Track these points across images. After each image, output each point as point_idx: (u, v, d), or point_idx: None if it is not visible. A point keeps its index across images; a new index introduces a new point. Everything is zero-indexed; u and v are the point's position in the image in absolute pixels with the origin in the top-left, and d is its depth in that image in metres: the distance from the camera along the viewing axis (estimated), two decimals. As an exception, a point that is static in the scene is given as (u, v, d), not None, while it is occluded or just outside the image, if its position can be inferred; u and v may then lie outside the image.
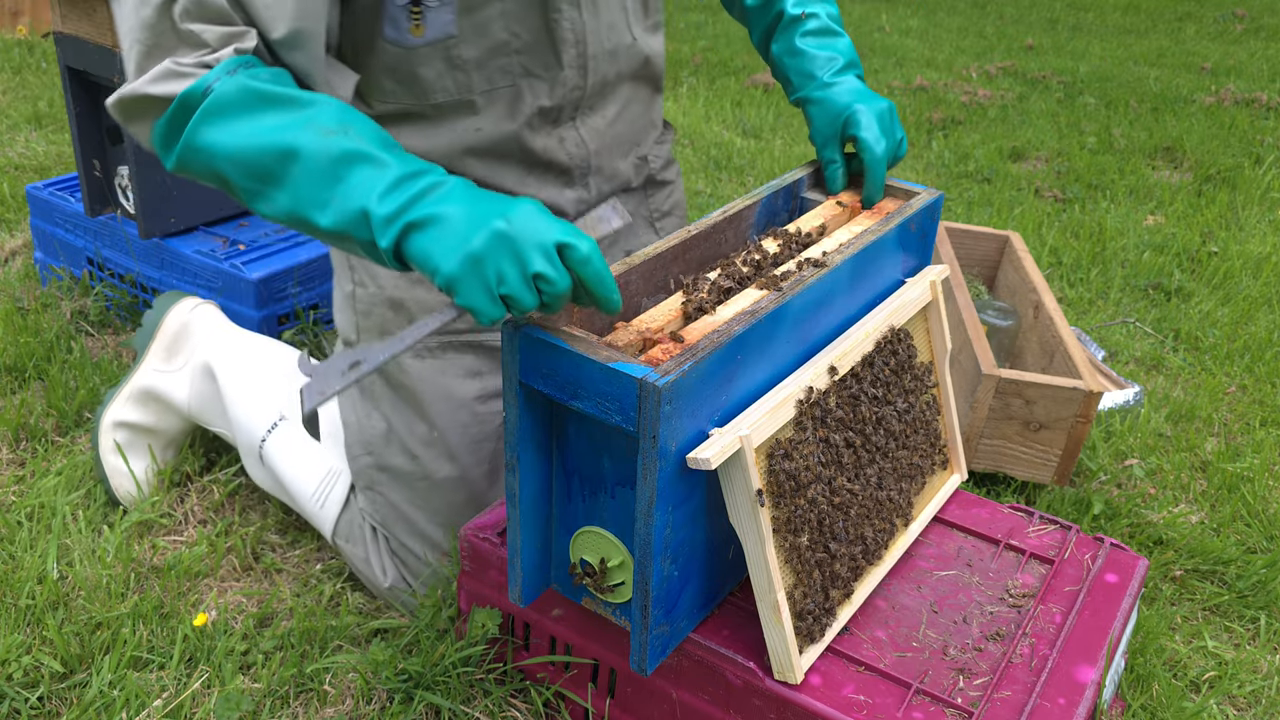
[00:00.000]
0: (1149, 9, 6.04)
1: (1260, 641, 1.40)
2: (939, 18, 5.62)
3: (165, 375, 1.56)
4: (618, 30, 1.28)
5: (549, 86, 1.24)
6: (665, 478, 0.87)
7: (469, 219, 0.87)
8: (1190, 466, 1.73)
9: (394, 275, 1.32)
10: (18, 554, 1.40)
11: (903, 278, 1.20)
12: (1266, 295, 2.35)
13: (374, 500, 1.36)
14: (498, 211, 0.87)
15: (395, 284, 1.31)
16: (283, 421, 1.45)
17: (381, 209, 0.89)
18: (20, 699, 1.19)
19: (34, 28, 4.08)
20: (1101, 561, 1.18)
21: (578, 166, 1.32)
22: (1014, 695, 1.00)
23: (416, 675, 1.18)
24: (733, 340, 0.90)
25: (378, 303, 1.32)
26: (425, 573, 1.35)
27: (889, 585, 1.14)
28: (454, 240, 0.87)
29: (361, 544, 1.38)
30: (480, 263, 0.86)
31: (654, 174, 1.44)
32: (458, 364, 1.33)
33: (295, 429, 1.45)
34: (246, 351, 1.54)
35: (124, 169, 1.88)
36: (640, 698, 1.10)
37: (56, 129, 3.04)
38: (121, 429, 1.55)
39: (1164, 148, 3.41)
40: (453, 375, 1.33)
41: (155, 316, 1.59)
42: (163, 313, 1.59)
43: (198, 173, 1.00)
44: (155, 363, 1.57)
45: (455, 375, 1.33)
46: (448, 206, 0.88)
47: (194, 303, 1.62)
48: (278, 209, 0.95)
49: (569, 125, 1.29)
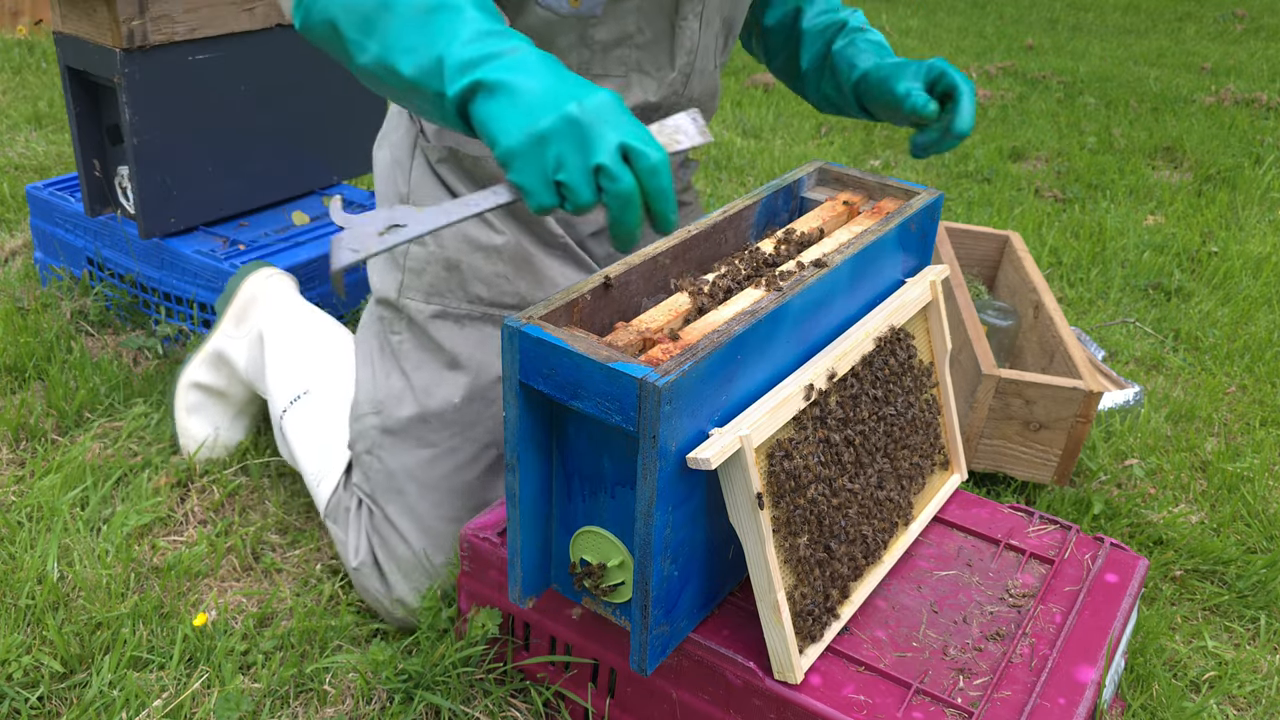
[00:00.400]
0: (1149, 9, 6.04)
1: (1260, 641, 1.40)
2: (939, 18, 5.62)
3: (233, 340, 1.62)
4: (711, 54, 1.32)
5: (656, 84, 1.27)
6: (665, 478, 0.87)
7: (543, 94, 0.84)
8: (1190, 466, 1.73)
9: (453, 234, 1.31)
10: (18, 554, 1.40)
11: (903, 278, 1.20)
12: (1266, 295, 2.35)
13: (369, 467, 1.32)
14: (574, 94, 0.84)
15: (455, 244, 1.31)
16: (305, 395, 1.46)
17: (457, 55, 0.88)
18: (20, 699, 1.19)
19: (34, 28, 4.08)
20: (1101, 561, 1.18)
21: None
22: (1014, 695, 1.00)
23: (416, 675, 1.18)
24: (733, 340, 0.90)
25: (433, 261, 1.31)
26: (405, 557, 1.30)
27: (889, 585, 1.14)
28: (522, 113, 0.84)
29: (343, 523, 1.36)
30: (544, 142, 0.83)
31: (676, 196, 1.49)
32: (496, 340, 1.32)
33: (315, 404, 1.45)
34: (296, 323, 1.58)
35: (124, 169, 1.88)
36: (640, 698, 1.10)
37: (56, 129, 3.04)
38: (195, 390, 1.62)
39: (1164, 148, 3.41)
40: (490, 350, 1.32)
41: (234, 283, 1.66)
42: (240, 280, 1.66)
43: (318, 26, 1.00)
44: (228, 327, 1.64)
45: (491, 351, 1.32)
46: (524, 77, 0.86)
47: (269, 273, 1.67)
48: (370, 58, 0.95)
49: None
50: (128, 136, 1.76)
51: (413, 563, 1.29)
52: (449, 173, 1.33)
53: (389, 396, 1.32)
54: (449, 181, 1.33)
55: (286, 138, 2.02)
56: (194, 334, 1.87)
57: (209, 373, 1.62)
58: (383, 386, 1.33)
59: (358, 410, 1.35)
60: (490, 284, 1.33)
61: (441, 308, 1.32)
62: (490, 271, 1.32)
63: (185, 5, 1.76)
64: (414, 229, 0.84)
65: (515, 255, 1.33)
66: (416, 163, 1.34)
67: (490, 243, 1.32)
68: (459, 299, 1.32)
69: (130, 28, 1.70)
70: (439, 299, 1.32)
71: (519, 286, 1.33)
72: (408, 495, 1.30)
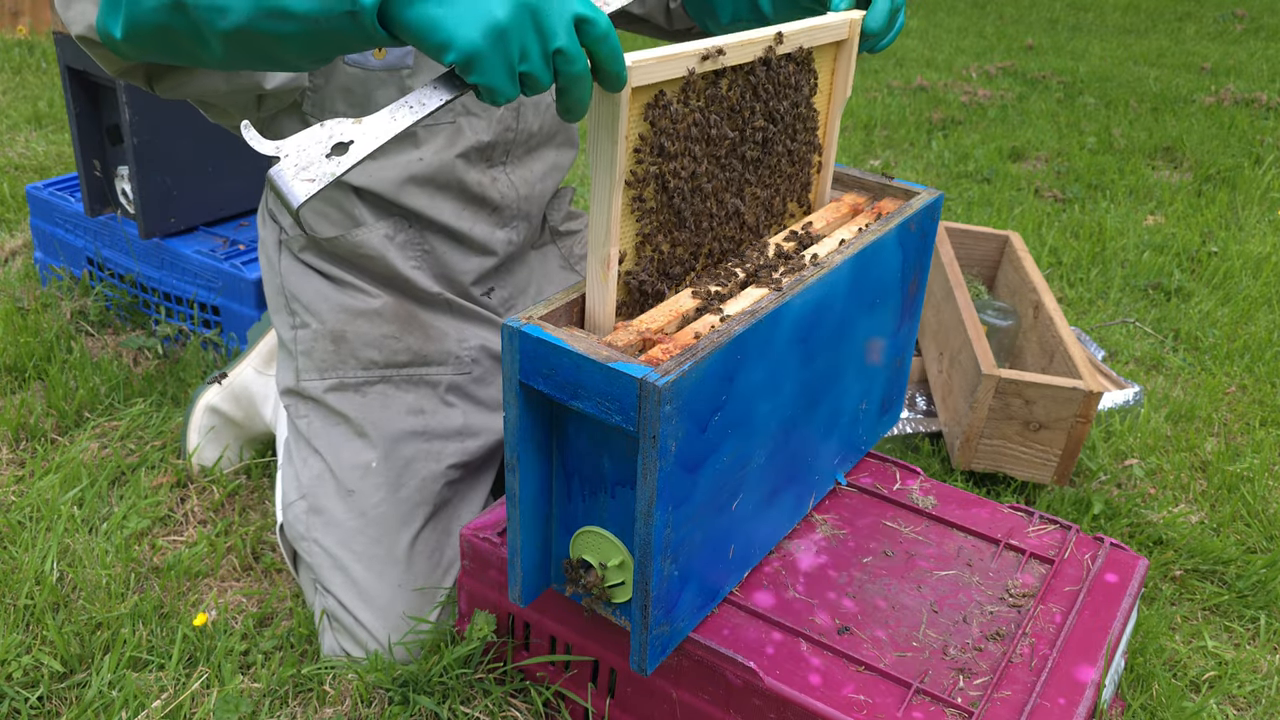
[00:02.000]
0: (1149, 9, 6.05)
1: (1260, 641, 1.40)
2: (939, 18, 5.62)
3: (261, 378, 1.61)
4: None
5: (486, 124, 1.32)
6: (665, 478, 0.87)
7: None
8: (1190, 466, 1.73)
9: (332, 308, 1.35)
10: (18, 554, 1.40)
11: (902, 279, 1.20)
12: (1266, 295, 2.35)
13: (310, 553, 1.30)
14: None
15: (335, 317, 1.35)
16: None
17: None
18: (20, 699, 1.19)
19: (34, 27, 4.08)
20: (1101, 561, 1.18)
21: (508, 207, 1.39)
22: (1014, 695, 1.00)
23: (415, 676, 1.18)
24: (733, 340, 0.90)
25: (319, 339, 1.35)
26: (364, 639, 1.24)
27: (889, 585, 1.14)
28: (473, 7, 0.78)
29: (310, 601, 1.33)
30: (505, 36, 0.78)
31: (555, 226, 1.54)
32: (399, 401, 1.34)
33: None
34: None
35: (124, 169, 1.88)
36: (640, 697, 1.10)
37: (56, 129, 3.04)
38: (212, 414, 1.60)
39: (1164, 148, 3.41)
40: (395, 410, 1.34)
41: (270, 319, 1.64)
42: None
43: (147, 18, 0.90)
44: (257, 363, 1.63)
45: (397, 411, 1.34)
46: None
47: None
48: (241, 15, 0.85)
49: (500, 168, 1.37)
50: (128, 136, 1.76)
51: (371, 644, 1.25)
52: (313, 258, 1.37)
53: (310, 479, 1.32)
54: (316, 265, 1.37)
55: (286, 138, 2.02)
56: (194, 334, 1.87)
57: (230, 403, 1.61)
58: (303, 472, 1.33)
59: (287, 500, 1.34)
60: (380, 346, 1.35)
61: (338, 380, 1.35)
62: (377, 334, 1.35)
63: (185, 5, 1.76)
64: (364, 143, 0.77)
65: (396, 314, 1.37)
66: (284, 257, 1.39)
67: (369, 307, 1.36)
68: (352, 368, 1.35)
69: (130, 28, 1.70)
70: (333, 372, 1.35)
71: (409, 343, 1.36)
72: (350, 570, 1.27)
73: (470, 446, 1.36)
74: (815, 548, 1.18)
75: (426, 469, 1.32)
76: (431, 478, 1.32)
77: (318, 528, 1.29)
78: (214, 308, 1.85)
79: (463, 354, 1.39)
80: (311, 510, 1.30)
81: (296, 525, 1.31)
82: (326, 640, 1.27)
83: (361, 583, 1.25)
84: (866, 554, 1.18)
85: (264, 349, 1.63)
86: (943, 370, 1.78)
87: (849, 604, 1.11)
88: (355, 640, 1.24)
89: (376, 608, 1.24)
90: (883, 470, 1.33)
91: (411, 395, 1.35)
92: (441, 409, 1.36)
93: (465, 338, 1.40)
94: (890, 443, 1.75)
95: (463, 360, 1.39)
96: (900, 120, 3.65)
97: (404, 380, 1.35)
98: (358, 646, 1.24)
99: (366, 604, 1.24)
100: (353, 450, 1.31)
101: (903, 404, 1.40)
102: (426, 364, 1.36)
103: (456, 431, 1.35)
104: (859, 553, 1.18)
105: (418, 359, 1.36)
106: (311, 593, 1.32)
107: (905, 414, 1.80)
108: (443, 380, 1.37)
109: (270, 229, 1.41)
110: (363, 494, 1.29)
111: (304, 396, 1.36)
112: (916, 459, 1.69)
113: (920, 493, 1.28)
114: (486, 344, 1.41)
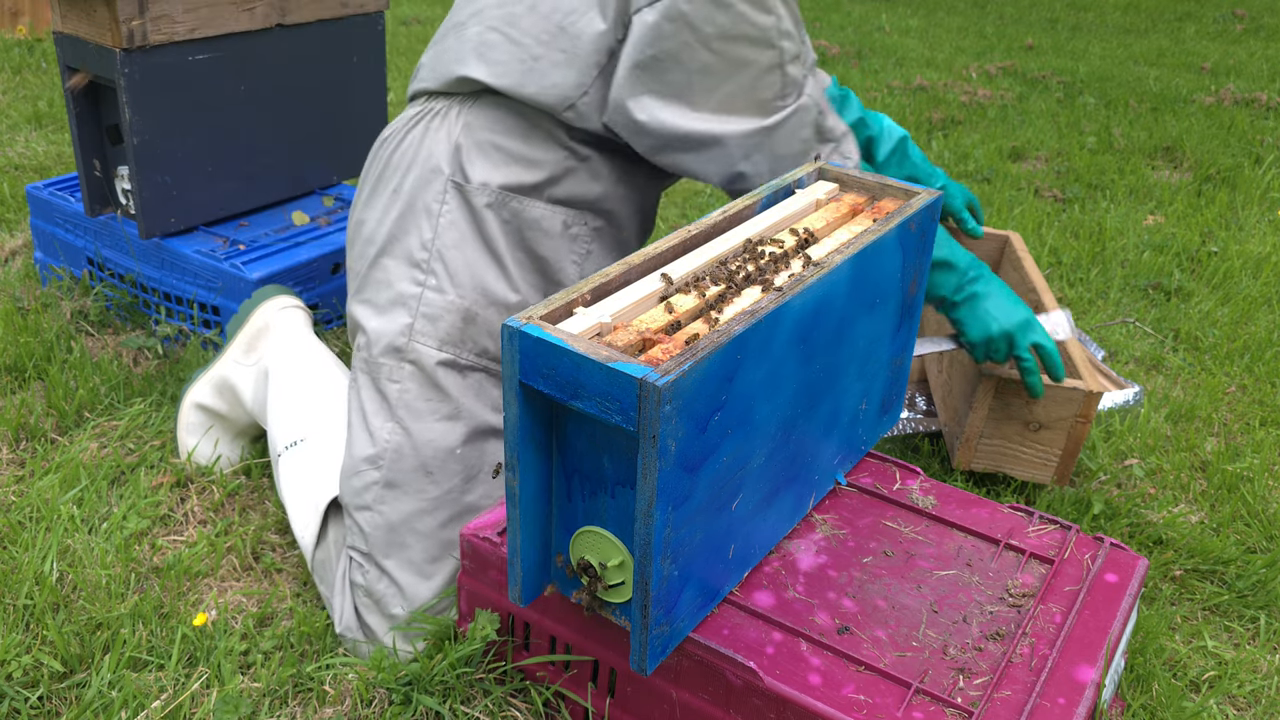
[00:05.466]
0: (1149, 9, 6.05)
1: (1260, 641, 1.40)
2: (939, 17, 5.62)
3: (240, 368, 1.61)
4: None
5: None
6: (665, 478, 0.87)
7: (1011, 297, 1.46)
8: (1190, 466, 1.73)
9: (475, 286, 1.32)
10: (17, 554, 1.40)
11: (902, 279, 1.20)
12: (1266, 295, 2.35)
13: (368, 523, 1.30)
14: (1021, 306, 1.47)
15: (474, 296, 1.32)
16: (301, 444, 1.45)
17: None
18: (20, 699, 1.19)
19: (34, 27, 4.08)
20: (1101, 561, 1.18)
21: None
22: (1014, 695, 1.00)
23: (415, 676, 1.18)
24: (733, 340, 0.90)
25: (451, 310, 1.32)
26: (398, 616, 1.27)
27: (889, 585, 1.14)
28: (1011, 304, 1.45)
29: (329, 583, 1.35)
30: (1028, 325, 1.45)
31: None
32: (490, 394, 1.34)
33: (308, 455, 1.45)
34: (301, 364, 1.56)
35: (124, 169, 1.88)
36: (640, 697, 1.10)
37: (56, 129, 3.04)
38: (198, 410, 1.61)
39: (1164, 148, 3.41)
40: (485, 402, 1.34)
41: (249, 307, 1.65)
42: (255, 305, 1.65)
43: None
44: (236, 354, 1.63)
45: (487, 404, 1.34)
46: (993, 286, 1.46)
47: (284, 303, 1.66)
48: None
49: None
50: (128, 136, 1.76)
51: (404, 622, 1.26)
52: (490, 217, 1.32)
53: (388, 449, 1.30)
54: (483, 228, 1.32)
55: (286, 138, 2.02)
56: (194, 334, 1.87)
57: (213, 397, 1.61)
58: (380, 439, 1.31)
59: (354, 467, 1.32)
60: (499, 338, 1.34)
61: (451, 357, 1.32)
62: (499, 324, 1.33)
63: (185, 5, 1.76)
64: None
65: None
66: (450, 204, 1.33)
67: (506, 299, 1.34)
68: (468, 350, 1.33)
69: (130, 28, 1.70)
70: (450, 348, 1.32)
71: None
72: (409, 548, 1.28)
73: None
74: (815, 548, 1.18)
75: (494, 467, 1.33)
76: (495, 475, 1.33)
77: (387, 500, 1.29)
78: (214, 308, 1.85)
79: None
80: (386, 483, 1.30)
81: (362, 494, 1.30)
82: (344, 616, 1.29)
83: (418, 563, 1.28)
84: (866, 554, 1.18)
85: (244, 340, 1.63)
86: (942, 370, 1.78)
87: (849, 604, 1.11)
88: (385, 615, 1.26)
89: (427, 582, 1.27)
90: (883, 470, 1.33)
91: (499, 391, 1.35)
92: None
93: None
94: (890, 443, 1.75)
95: None
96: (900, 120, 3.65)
97: (499, 375, 1.33)
98: (384, 621, 1.26)
99: (418, 578, 1.27)
100: (442, 431, 1.30)
101: (903, 404, 1.40)
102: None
103: None
104: (859, 553, 1.18)
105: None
106: (334, 561, 1.32)
107: (905, 414, 1.80)
108: None
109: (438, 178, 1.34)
110: (441, 476, 1.29)
111: (408, 360, 1.32)
112: (916, 459, 1.69)
113: (920, 493, 1.28)
114: None
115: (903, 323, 1.26)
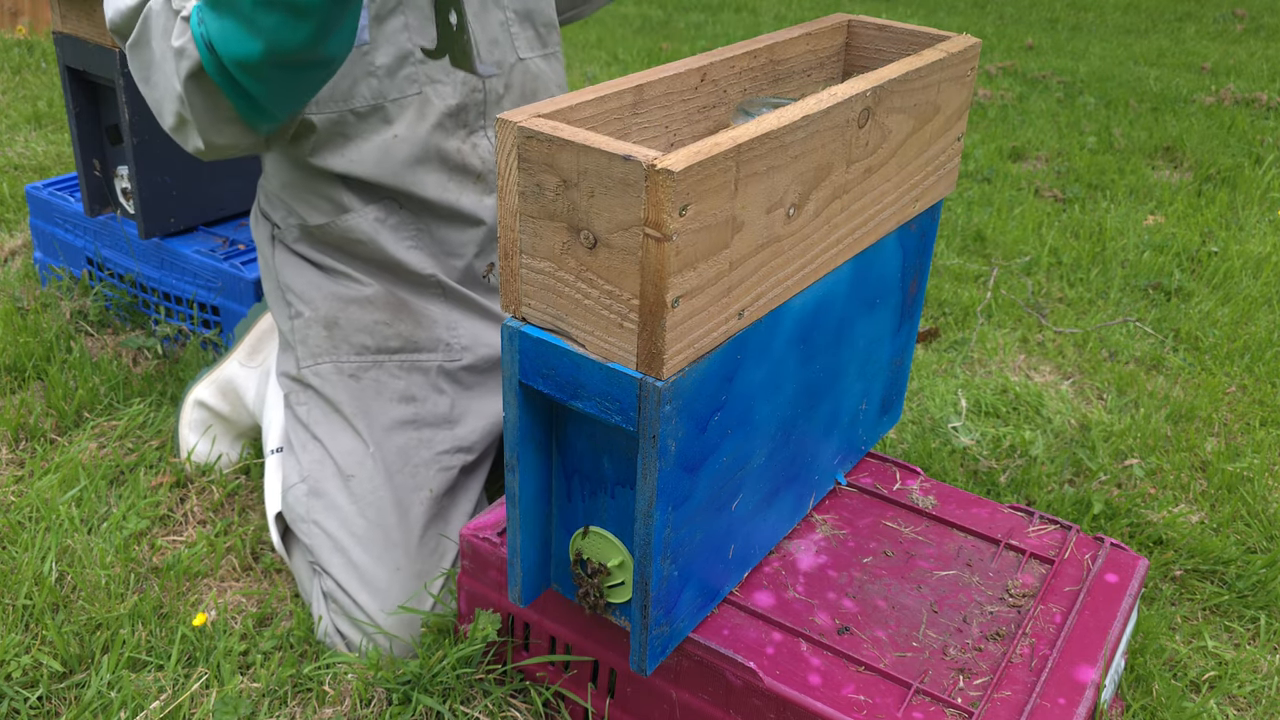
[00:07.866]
0: (1149, 9, 6.05)
1: (1260, 641, 1.40)
2: (939, 18, 5.62)
3: (245, 370, 1.62)
4: (501, 47, 1.40)
5: (451, 88, 1.36)
6: (665, 478, 0.87)
7: None
8: (1190, 466, 1.73)
9: (324, 296, 1.40)
10: (17, 554, 1.40)
11: (902, 279, 1.20)
12: (1266, 295, 2.34)
13: (309, 534, 1.31)
14: None
15: (328, 304, 1.39)
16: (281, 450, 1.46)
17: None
18: (20, 699, 1.19)
19: (34, 27, 4.08)
20: (1101, 561, 1.18)
21: (490, 172, 1.41)
22: (1014, 695, 1.00)
23: (415, 676, 1.18)
24: (732, 340, 0.90)
25: (313, 325, 1.39)
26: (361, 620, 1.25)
27: (889, 585, 1.14)
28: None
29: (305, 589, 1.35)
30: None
31: None
32: (391, 388, 1.37)
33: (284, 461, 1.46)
34: None
35: (124, 169, 1.88)
36: (640, 698, 1.10)
37: (56, 129, 3.04)
38: (200, 409, 1.61)
39: (1164, 148, 3.41)
40: (387, 398, 1.36)
41: (257, 311, 1.67)
42: (262, 310, 1.66)
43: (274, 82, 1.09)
44: (241, 355, 1.64)
45: (390, 399, 1.36)
46: None
47: None
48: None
49: (480, 133, 1.40)
50: (128, 136, 1.76)
51: (370, 626, 1.25)
52: (306, 249, 1.42)
53: (310, 463, 1.34)
54: (309, 256, 1.42)
55: (286, 138, 2.02)
56: (193, 334, 1.87)
57: (216, 397, 1.62)
58: (303, 456, 1.36)
59: (288, 483, 1.36)
60: (372, 332, 1.39)
61: (333, 364, 1.37)
62: (368, 320, 1.39)
63: (185, 5, 1.76)
64: None
65: (387, 302, 1.40)
66: (278, 251, 1.44)
67: (360, 295, 1.40)
68: (345, 353, 1.38)
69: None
70: (327, 357, 1.38)
71: (400, 329, 1.39)
72: (350, 553, 1.28)
73: (461, 433, 1.38)
74: (815, 548, 1.18)
75: (419, 456, 1.34)
76: (424, 464, 1.34)
77: (318, 510, 1.31)
78: (214, 308, 1.85)
79: (452, 341, 1.42)
80: (312, 493, 1.32)
81: (296, 507, 1.33)
82: (322, 624, 1.29)
83: (360, 565, 1.27)
84: (866, 554, 1.18)
85: (249, 342, 1.65)
86: None
87: (849, 604, 1.11)
88: (352, 621, 1.26)
89: (375, 590, 1.26)
90: (883, 470, 1.33)
91: (403, 382, 1.38)
92: (432, 395, 1.38)
93: (454, 324, 1.43)
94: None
95: (453, 347, 1.42)
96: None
97: (396, 366, 1.38)
98: (354, 628, 1.25)
99: (365, 585, 1.26)
100: (349, 437, 1.34)
101: (903, 404, 1.40)
102: (418, 350, 1.40)
103: (446, 419, 1.38)
104: (859, 553, 1.18)
105: (409, 345, 1.39)
106: (307, 576, 1.33)
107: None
108: (433, 366, 1.40)
109: (263, 226, 1.45)
110: (361, 479, 1.31)
111: (303, 384, 1.40)
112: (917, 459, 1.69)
113: (920, 493, 1.28)
114: (476, 331, 1.43)
115: (903, 323, 1.26)
